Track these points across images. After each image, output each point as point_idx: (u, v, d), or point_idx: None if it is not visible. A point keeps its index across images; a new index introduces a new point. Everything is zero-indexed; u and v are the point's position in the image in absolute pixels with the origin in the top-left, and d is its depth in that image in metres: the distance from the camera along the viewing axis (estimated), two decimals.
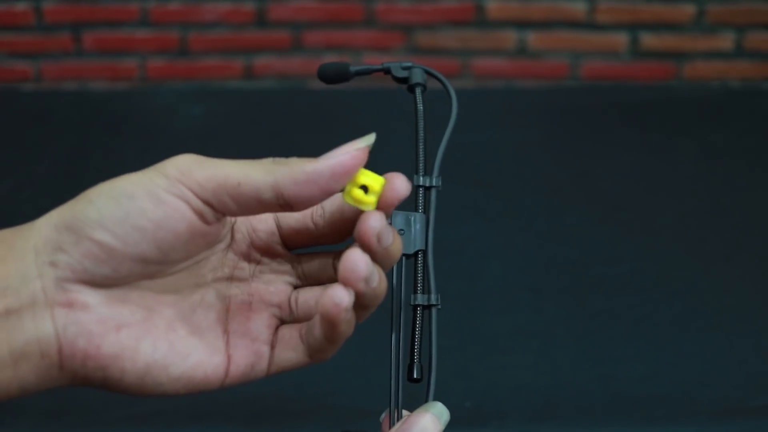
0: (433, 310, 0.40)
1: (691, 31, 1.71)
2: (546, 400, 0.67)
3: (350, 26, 1.71)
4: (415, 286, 0.41)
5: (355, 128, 1.15)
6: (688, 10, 1.70)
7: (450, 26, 1.71)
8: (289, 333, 0.40)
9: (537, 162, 1.07)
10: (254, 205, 0.36)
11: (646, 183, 1.02)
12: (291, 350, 0.40)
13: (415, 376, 0.40)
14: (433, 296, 0.40)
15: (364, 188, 0.38)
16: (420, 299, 0.41)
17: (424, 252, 0.41)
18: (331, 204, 0.40)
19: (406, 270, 0.41)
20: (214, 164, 0.36)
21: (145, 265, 0.36)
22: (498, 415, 0.65)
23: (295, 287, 0.42)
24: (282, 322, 0.41)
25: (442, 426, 0.37)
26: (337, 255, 0.42)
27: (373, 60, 1.70)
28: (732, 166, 1.06)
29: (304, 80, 1.74)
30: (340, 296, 0.36)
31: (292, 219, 0.41)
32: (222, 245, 0.39)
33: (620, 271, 0.84)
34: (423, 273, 0.41)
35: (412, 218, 0.41)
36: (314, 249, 0.42)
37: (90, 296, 0.35)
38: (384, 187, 0.38)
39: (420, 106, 0.45)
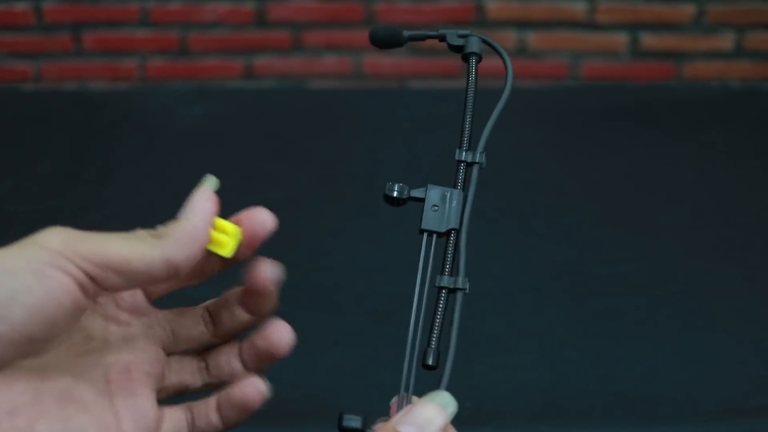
0: (459, 294, 0.38)
1: (691, 31, 1.71)
2: (546, 400, 0.67)
3: (350, 26, 1.71)
4: (443, 267, 0.39)
5: (355, 128, 1.15)
6: (688, 10, 1.70)
7: (450, 26, 1.71)
8: (176, 414, 0.40)
9: (537, 162, 1.07)
10: (143, 279, 0.36)
11: (646, 183, 1.02)
12: (177, 431, 0.39)
13: (429, 363, 0.38)
14: (460, 279, 0.38)
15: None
16: (446, 281, 0.38)
17: (457, 231, 0.39)
18: None
19: (435, 250, 0.39)
20: (96, 239, 0.35)
21: (31, 344, 0.34)
22: (498, 415, 0.65)
23: (167, 352, 0.40)
24: (158, 391, 0.39)
25: (447, 417, 0.35)
26: (205, 307, 0.41)
27: (372, 60, 1.70)
28: (732, 166, 1.06)
29: (304, 80, 1.74)
30: (261, 387, 0.38)
31: None
32: (88, 311, 0.38)
33: (620, 271, 0.84)
34: (453, 254, 0.39)
35: (449, 194, 0.40)
36: (176, 306, 0.41)
37: None
38: (247, 224, 0.38)
39: (472, 76, 0.45)
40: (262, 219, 0.38)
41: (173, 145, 1.10)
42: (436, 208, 0.39)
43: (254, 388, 0.39)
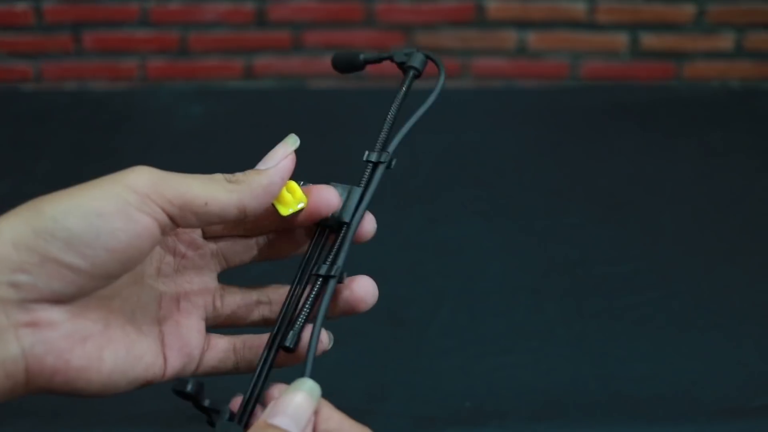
0: (331, 282, 0.40)
1: (691, 31, 1.71)
2: (546, 400, 0.67)
3: (350, 26, 1.71)
4: (326, 257, 0.41)
5: (355, 128, 1.15)
6: (688, 10, 1.70)
7: (450, 26, 1.71)
8: (223, 344, 0.41)
9: (537, 162, 1.07)
10: (215, 220, 0.38)
11: (646, 183, 1.02)
12: (220, 360, 0.41)
13: (286, 344, 0.39)
14: (334, 268, 0.40)
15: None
16: (323, 270, 0.40)
17: (348, 225, 0.41)
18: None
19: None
20: (180, 181, 0.36)
21: (108, 279, 0.36)
22: (498, 415, 0.65)
23: (219, 279, 0.43)
24: (208, 320, 0.42)
25: (315, 403, 0.35)
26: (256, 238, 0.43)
27: None
28: (732, 166, 1.06)
29: (304, 80, 1.74)
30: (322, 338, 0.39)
31: None
32: None
33: (620, 271, 0.84)
34: (338, 245, 0.41)
35: (349, 192, 0.42)
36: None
37: (55, 313, 0.34)
38: (314, 197, 0.41)
39: (404, 88, 0.46)
40: (328, 197, 0.41)
41: (173, 144, 1.10)
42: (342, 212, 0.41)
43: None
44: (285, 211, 0.41)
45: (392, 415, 0.64)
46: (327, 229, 0.42)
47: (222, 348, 0.41)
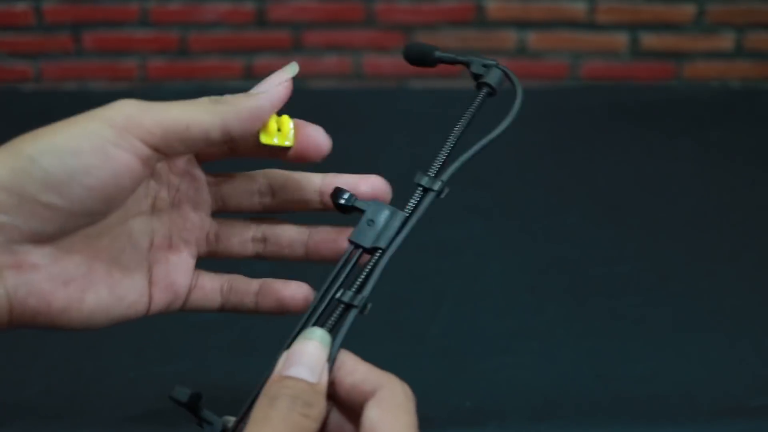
0: (352, 312, 0.37)
1: (691, 31, 1.71)
2: (546, 400, 0.67)
3: (350, 26, 1.71)
4: (350, 282, 0.38)
5: (355, 128, 1.16)
6: (688, 10, 1.70)
7: (450, 26, 1.71)
8: (209, 283, 0.41)
9: (537, 162, 1.07)
10: (201, 145, 0.37)
11: (646, 183, 1.02)
12: (207, 299, 0.41)
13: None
14: (358, 297, 0.37)
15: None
16: (346, 296, 0.37)
17: (382, 252, 0.39)
18: None
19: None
20: (159, 108, 0.36)
21: (90, 217, 0.36)
22: (498, 415, 0.65)
23: (214, 215, 0.42)
24: (200, 254, 0.41)
25: (327, 350, 0.35)
26: (256, 177, 0.42)
27: (372, 60, 1.70)
28: (732, 166, 1.06)
29: (304, 80, 1.74)
30: (305, 291, 0.40)
31: None
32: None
33: (620, 271, 0.84)
34: (368, 273, 0.38)
35: (391, 214, 0.39)
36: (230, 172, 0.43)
37: (38, 255, 0.35)
38: (303, 138, 0.39)
39: (473, 108, 0.43)
40: (318, 141, 0.39)
41: None
42: (372, 223, 0.39)
43: (300, 291, 0.41)
44: (266, 139, 0.39)
45: None
46: (360, 249, 0.39)
47: (209, 288, 0.41)
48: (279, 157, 0.40)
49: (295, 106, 0.40)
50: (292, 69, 0.40)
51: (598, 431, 0.64)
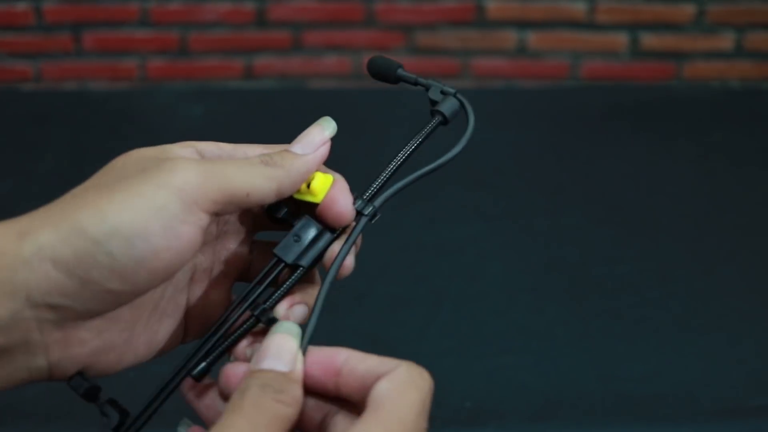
0: (252, 320, 0.37)
1: (691, 31, 1.71)
2: (546, 400, 0.67)
3: (350, 26, 1.71)
4: (267, 297, 0.37)
5: (355, 128, 1.15)
6: (688, 10, 1.70)
7: (450, 26, 1.71)
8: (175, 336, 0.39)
9: (537, 162, 1.07)
10: (255, 207, 0.38)
11: (645, 183, 1.02)
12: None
13: (193, 374, 0.37)
14: (261, 309, 0.36)
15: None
16: (259, 309, 0.37)
17: (303, 270, 0.37)
18: None
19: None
20: (221, 174, 0.35)
21: (147, 291, 0.35)
22: (498, 415, 0.65)
23: (254, 241, 0.41)
24: (239, 278, 0.41)
25: (296, 340, 0.34)
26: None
27: None
28: (732, 166, 1.06)
29: (304, 80, 1.74)
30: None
31: None
32: None
33: (620, 271, 0.84)
34: (284, 289, 0.37)
35: (318, 232, 0.38)
36: None
37: (86, 331, 0.34)
38: (330, 200, 0.38)
39: (421, 135, 0.43)
40: (341, 211, 0.38)
41: None
42: (297, 239, 0.38)
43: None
44: (298, 195, 0.38)
45: None
46: (282, 262, 0.38)
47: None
48: (304, 209, 0.39)
49: (295, 106, 0.40)
50: (330, 127, 0.40)
51: (598, 431, 0.64)
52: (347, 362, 0.34)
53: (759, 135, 1.14)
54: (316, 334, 0.35)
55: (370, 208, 0.39)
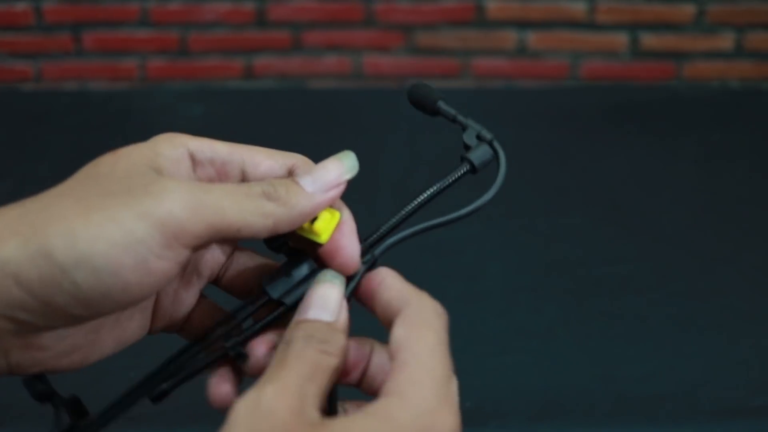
0: (219, 352, 0.35)
1: (691, 31, 1.71)
2: (546, 400, 0.67)
3: (350, 26, 1.71)
4: (241, 331, 0.35)
5: (355, 128, 1.15)
6: (688, 10, 1.70)
7: (450, 26, 1.71)
8: (209, 310, 0.38)
9: (537, 162, 1.07)
10: (242, 241, 0.35)
11: (646, 183, 1.02)
12: (202, 323, 0.38)
13: (152, 395, 0.36)
14: (236, 349, 0.34)
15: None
16: (230, 341, 0.35)
17: (284, 309, 0.35)
18: None
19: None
20: (212, 207, 0.32)
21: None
22: (498, 415, 0.65)
23: (236, 247, 0.39)
24: (211, 280, 0.39)
25: (341, 288, 0.33)
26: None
27: (372, 60, 1.70)
28: (732, 166, 1.06)
29: (304, 80, 1.74)
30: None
31: None
32: None
33: (620, 271, 0.84)
34: (260, 325, 0.35)
35: (310, 270, 0.35)
36: None
37: (48, 338, 0.33)
38: (334, 244, 0.34)
39: (446, 181, 0.39)
40: (347, 262, 0.35)
41: None
42: (288, 273, 0.35)
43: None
44: (301, 231, 0.35)
45: None
46: (265, 295, 0.35)
47: (208, 314, 0.38)
48: (306, 249, 0.36)
49: (295, 106, 0.40)
50: (351, 166, 0.35)
51: (598, 431, 0.64)
52: (379, 286, 0.34)
53: (759, 135, 1.14)
54: None
55: (368, 257, 0.36)
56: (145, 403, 0.39)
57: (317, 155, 0.37)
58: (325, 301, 0.33)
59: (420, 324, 0.33)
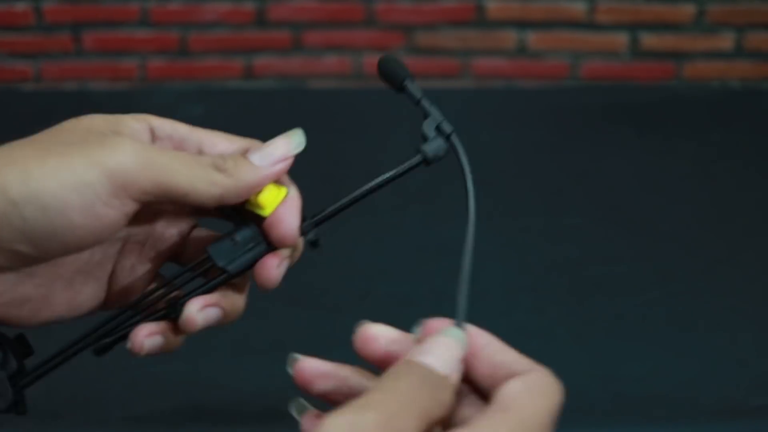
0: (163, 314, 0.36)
1: (691, 31, 1.71)
2: None
3: (350, 26, 1.71)
4: (188, 295, 0.36)
5: (355, 128, 1.15)
6: (688, 10, 1.70)
7: (450, 26, 1.71)
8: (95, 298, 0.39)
9: (537, 162, 1.07)
10: (189, 207, 0.37)
11: (645, 183, 1.02)
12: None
13: (95, 347, 0.36)
14: (174, 309, 0.36)
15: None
16: (172, 310, 0.36)
17: (227, 276, 0.36)
18: None
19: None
20: (164, 167, 0.33)
21: (62, 258, 0.35)
22: None
23: (194, 225, 0.39)
24: (170, 258, 0.39)
25: (462, 348, 0.33)
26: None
27: (372, 60, 1.69)
28: (732, 166, 1.06)
29: (304, 80, 1.74)
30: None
31: None
32: None
33: (620, 271, 0.84)
34: (204, 287, 0.36)
35: (256, 241, 0.36)
36: None
37: None
38: (278, 216, 0.36)
39: (401, 169, 0.41)
40: (286, 233, 0.36)
41: None
42: (233, 241, 0.36)
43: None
44: (248, 205, 0.37)
45: None
46: (211, 262, 0.36)
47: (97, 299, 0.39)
48: (250, 218, 0.37)
49: (295, 106, 0.40)
50: (298, 141, 0.38)
51: (597, 431, 0.64)
52: (486, 347, 0.34)
53: (759, 135, 1.14)
54: (315, 334, 0.35)
55: (313, 232, 0.37)
56: (145, 404, 0.39)
57: (317, 155, 0.37)
58: (445, 353, 0.33)
59: (540, 389, 0.33)
